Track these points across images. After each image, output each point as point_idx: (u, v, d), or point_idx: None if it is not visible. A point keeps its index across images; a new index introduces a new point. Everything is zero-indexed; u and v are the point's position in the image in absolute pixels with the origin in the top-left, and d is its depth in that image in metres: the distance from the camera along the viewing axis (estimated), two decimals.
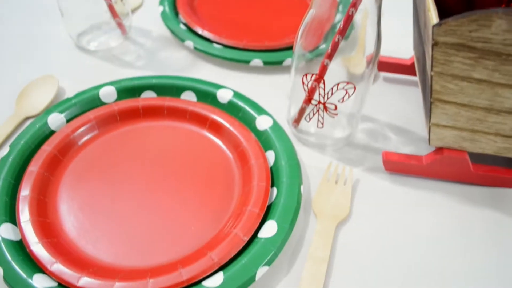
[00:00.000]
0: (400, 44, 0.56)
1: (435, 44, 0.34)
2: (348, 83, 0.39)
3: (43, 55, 0.55)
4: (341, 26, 0.38)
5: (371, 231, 0.39)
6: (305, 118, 0.44)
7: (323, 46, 0.42)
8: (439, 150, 0.42)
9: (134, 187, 0.40)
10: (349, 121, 0.45)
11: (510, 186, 0.43)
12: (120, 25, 0.56)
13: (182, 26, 0.57)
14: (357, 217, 0.40)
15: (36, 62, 0.54)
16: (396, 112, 0.50)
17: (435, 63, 0.35)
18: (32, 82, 0.49)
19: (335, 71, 0.42)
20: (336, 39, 0.39)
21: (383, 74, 0.55)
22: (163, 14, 0.59)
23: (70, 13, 0.54)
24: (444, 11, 0.42)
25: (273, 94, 0.50)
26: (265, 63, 0.53)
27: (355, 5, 0.37)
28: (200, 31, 0.56)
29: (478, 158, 0.45)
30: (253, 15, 0.61)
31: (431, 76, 0.36)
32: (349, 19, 0.37)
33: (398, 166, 0.43)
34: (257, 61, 0.53)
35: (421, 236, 0.39)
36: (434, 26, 0.33)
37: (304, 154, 0.45)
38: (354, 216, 0.40)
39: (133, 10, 0.62)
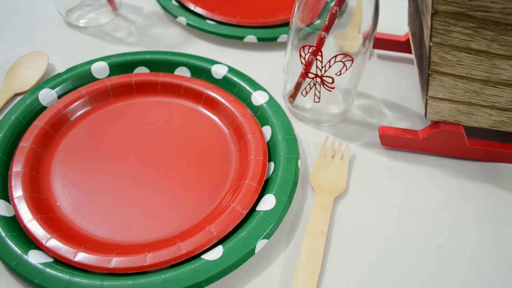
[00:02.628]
0: (394, 21, 0.55)
1: (435, 13, 0.34)
2: (346, 55, 0.39)
3: (32, 31, 0.53)
4: None
5: (368, 205, 0.39)
6: (301, 92, 0.43)
7: (318, 22, 0.41)
8: (435, 124, 0.42)
9: (129, 163, 0.40)
10: (344, 97, 0.45)
11: (503, 161, 0.44)
12: (110, 1, 0.55)
13: (174, 2, 0.56)
14: (354, 192, 0.40)
15: (25, 38, 0.52)
16: (391, 88, 0.50)
17: (434, 33, 0.35)
18: (21, 58, 0.48)
19: (332, 46, 0.41)
20: (334, 11, 0.38)
21: (377, 51, 0.54)
22: None
23: None
24: None
25: (268, 70, 0.49)
26: (259, 39, 0.52)
27: None
28: (192, 7, 0.55)
29: (470, 133, 0.45)
30: None
31: (430, 47, 0.36)
32: None
33: (394, 140, 0.43)
34: (251, 37, 0.52)
35: (418, 210, 0.40)
36: None
37: (300, 129, 0.45)
38: (351, 191, 0.40)
39: None
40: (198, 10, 0.55)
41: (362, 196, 0.40)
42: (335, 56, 0.39)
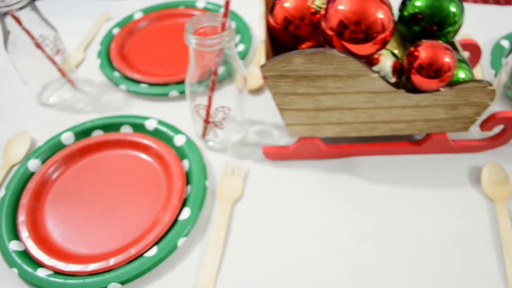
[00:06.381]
0: None
1: (264, 77, 0.53)
2: (223, 107, 0.58)
3: (17, 114, 0.72)
4: (213, 70, 0.56)
5: (259, 205, 0.58)
6: (206, 132, 0.62)
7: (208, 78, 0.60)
8: (298, 140, 0.61)
9: (95, 201, 0.59)
10: (241, 127, 0.64)
11: (352, 155, 0.63)
12: (69, 80, 0.74)
13: (116, 73, 0.75)
14: (249, 196, 0.59)
15: (12, 120, 0.71)
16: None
17: (270, 88, 0.54)
18: (12, 138, 0.67)
19: (218, 98, 0.60)
20: (212, 79, 0.57)
21: None
22: (101, 65, 0.76)
23: (30, 81, 0.71)
24: (281, 44, 0.60)
25: (187, 116, 0.68)
26: (180, 92, 0.71)
27: (218, 55, 0.55)
28: (130, 74, 0.74)
29: (329, 140, 0.63)
30: (171, 54, 0.79)
31: (272, 95, 0.55)
32: (217, 65, 0.56)
33: (275, 155, 0.62)
34: (174, 93, 0.71)
35: (296, 202, 0.58)
36: (260, 66, 0.52)
37: (212, 156, 0.64)
38: (246, 196, 0.59)
39: (77, 65, 0.80)
40: (134, 76, 0.74)
41: (254, 198, 0.59)
42: (217, 109, 0.58)
